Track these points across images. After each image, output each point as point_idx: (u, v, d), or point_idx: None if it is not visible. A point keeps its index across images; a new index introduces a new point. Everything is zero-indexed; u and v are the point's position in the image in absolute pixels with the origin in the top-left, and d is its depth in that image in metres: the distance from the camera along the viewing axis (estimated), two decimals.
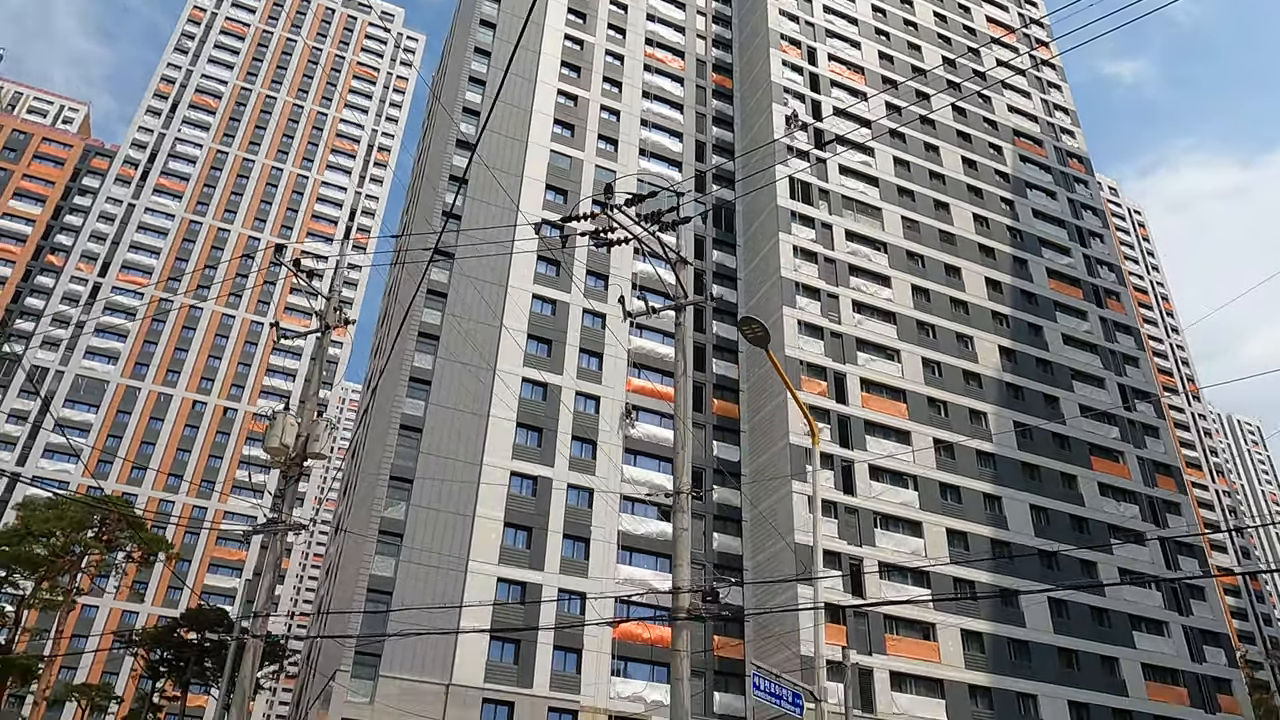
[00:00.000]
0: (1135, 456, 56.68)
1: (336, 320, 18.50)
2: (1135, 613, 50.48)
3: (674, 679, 13.19)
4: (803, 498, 45.64)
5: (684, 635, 13.40)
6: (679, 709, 12.83)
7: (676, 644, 13.30)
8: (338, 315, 18.60)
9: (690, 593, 13.83)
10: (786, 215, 54.75)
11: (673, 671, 13.26)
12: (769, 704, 15.15)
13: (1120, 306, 63.90)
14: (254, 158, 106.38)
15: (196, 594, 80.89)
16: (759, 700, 15.52)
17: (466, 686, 38.99)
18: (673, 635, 13.43)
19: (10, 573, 39.85)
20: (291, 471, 17.43)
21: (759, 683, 14.95)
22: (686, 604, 13.68)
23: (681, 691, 12.98)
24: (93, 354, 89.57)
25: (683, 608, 13.61)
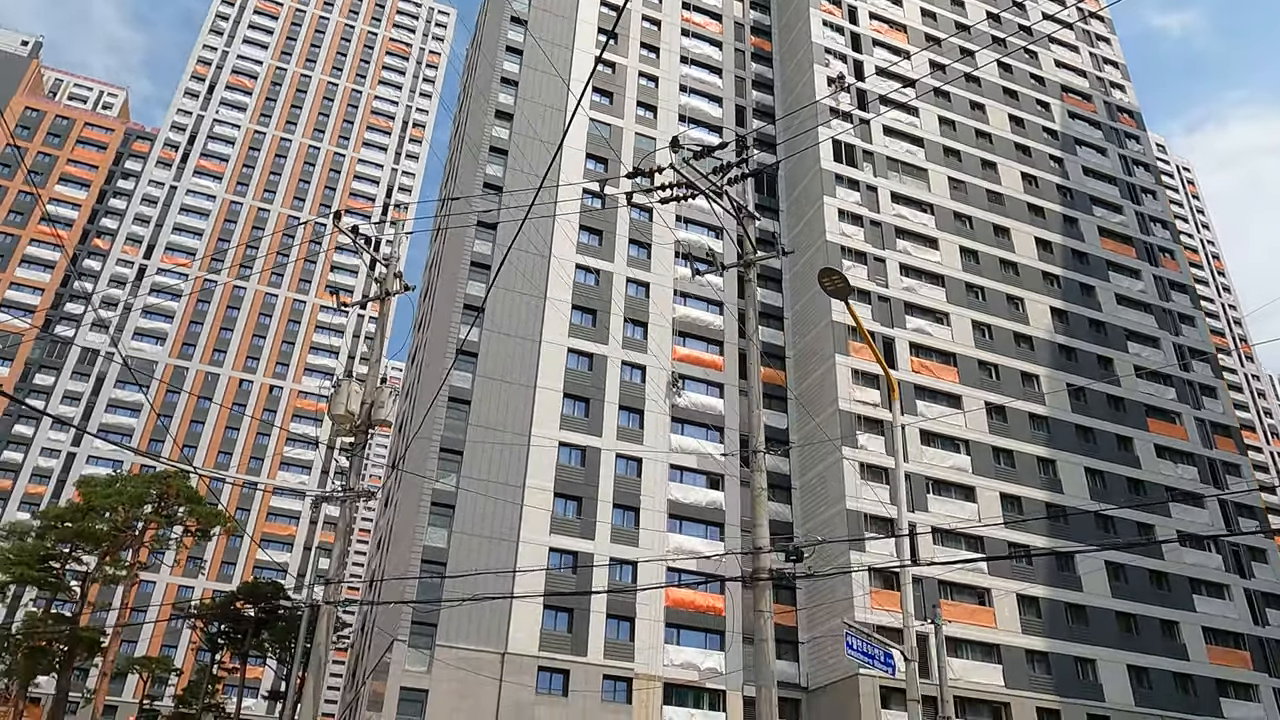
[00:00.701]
0: (1193, 417, 55.38)
1: (396, 287, 18.34)
2: (1195, 576, 49.51)
3: (759, 640, 12.96)
4: (853, 464, 45.16)
5: (766, 596, 13.14)
6: (765, 671, 12.60)
7: (760, 604, 13.05)
8: (398, 281, 18.43)
9: (770, 552, 13.57)
10: (830, 178, 53.82)
11: (757, 633, 13.03)
12: (862, 662, 14.94)
13: (1174, 264, 62.24)
14: (291, 137, 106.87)
15: (250, 568, 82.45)
16: (850, 658, 15.30)
17: (522, 655, 39.24)
18: (755, 596, 13.19)
19: (74, 549, 40.73)
20: (358, 438, 17.36)
21: (852, 641, 14.74)
22: (768, 564, 13.42)
23: (767, 653, 12.75)
24: (141, 335, 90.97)
25: (764, 568, 13.34)
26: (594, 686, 39.82)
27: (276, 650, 52.71)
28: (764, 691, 12.44)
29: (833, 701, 41.33)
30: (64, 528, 39.18)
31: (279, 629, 52.30)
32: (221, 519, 46.07)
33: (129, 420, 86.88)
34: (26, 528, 44.30)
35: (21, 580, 40.71)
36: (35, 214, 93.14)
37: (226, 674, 60.66)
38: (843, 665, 41.40)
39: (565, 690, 39.51)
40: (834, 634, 42.82)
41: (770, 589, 13.28)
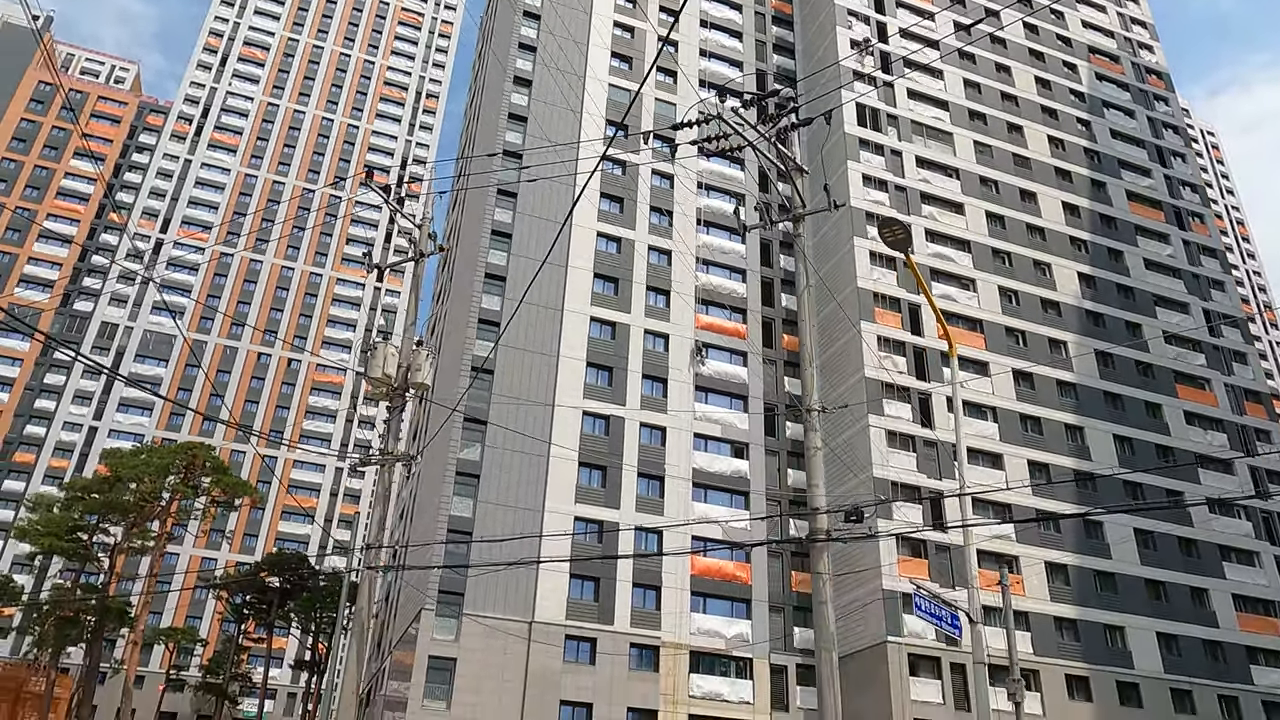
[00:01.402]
0: (1222, 383, 54.60)
1: (430, 247, 17.92)
2: (1224, 543, 48.99)
3: (817, 602, 12.62)
4: (880, 431, 44.73)
5: (824, 557, 12.80)
6: (824, 633, 12.27)
7: (817, 567, 12.71)
8: (432, 242, 18.02)
9: (827, 513, 13.21)
10: (854, 142, 52.95)
11: (815, 596, 12.68)
12: (931, 624, 14.68)
13: (1204, 229, 61.15)
14: (304, 109, 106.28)
15: (272, 540, 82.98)
16: (919, 617, 15.00)
17: (549, 624, 39.21)
18: (813, 558, 12.85)
19: (101, 520, 40.85)
20: (395, 402, 17.03)
21: (920, 603, 14.45)
22: (825, 525, 13.06)
23: (826, 615, 12.41)
24: (159, 309, 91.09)
25: (821, 529, 12.99)
26: (621, 655, 39.78)
27: (303, 620, 52.99)
28: (824, 654, 12.11)
29: (860, 669, 41.18)
30: (91, 499, 39.27)
31: (305, 599, 52.57)
32: (247, 489, 46.12)
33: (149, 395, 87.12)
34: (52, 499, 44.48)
35: (51, 551, 40.94)
36: (52, 188, 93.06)
37: (253, 644, 61.14)
38: (870, 633, 41.26)
39: (592, 659, 39.49)
40: (860, 602, 42.68)
41: (829, 550, 12.94)
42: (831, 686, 11.96)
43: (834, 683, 12.01)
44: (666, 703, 39.51)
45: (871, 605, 41.61)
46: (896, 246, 15.57)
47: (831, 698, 11.89)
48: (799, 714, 41.42)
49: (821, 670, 12.07)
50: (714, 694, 40.51)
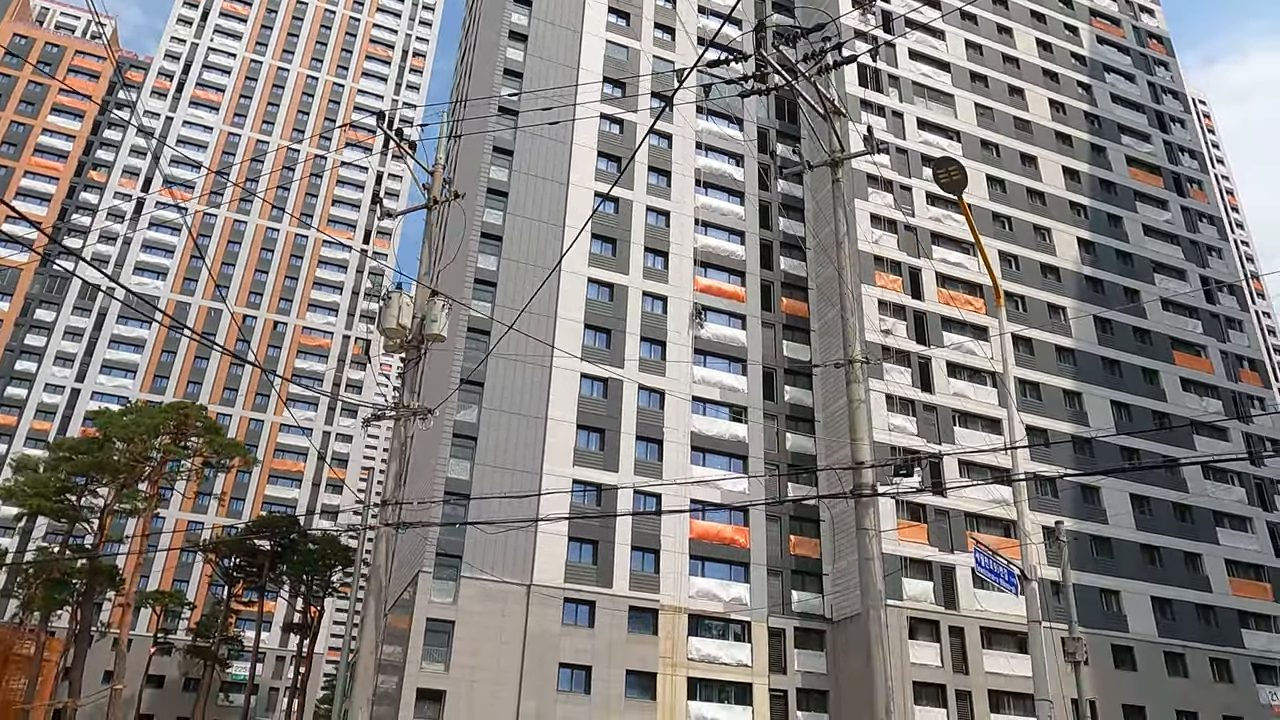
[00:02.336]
0: (1218, 350, 54.63)
1: (445, 195, 17.16)
2: (1218, 509, 49.22)
3: (863, 559, 12.17)
4: (880, 395, 44.38)
5: (870, 513, 12.33)
6: (873, 591, 11.82)
7: (864, 522, 12.24)
8: (447, 189, 17.25)
9: (873, 467, 12.73)
10: (855, 103, 52.09)
11: (860, 552, 12.24)
12: (990, 580, 14.32)
13: (1203, 195, 60.87)
14: (288, 67, 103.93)
15: (259, 503, 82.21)
16: (980, 573, 14.65)
17: (547, 586, 38.87)
18: (858, 514, 12.37)
19: (90, 480, 40.02)
20: (410, 354, 16.36)
21: (980, 559, 14.08)
22: (871, 479, 12.58)
23: (873, 572, 11.96)
24: (142, 270, 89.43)
25: (867, 483, 12.51)
26: (619, 618, 39.54)
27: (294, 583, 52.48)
28: (872, 613, 11.68)
29: (859, 632, 41.10)
30: (80, 459, 38.38)
31: (296, 563, 52.04)
32: (239, 449, 45.33)
33: (133, 356, 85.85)
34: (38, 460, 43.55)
35: (39, 512, 40.09)
36: (29, 145, 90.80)
37: (243, 607, 60.65)
38: None
39: (591, 621, 39.24)
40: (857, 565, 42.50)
41: (874, 505, 12.46)
42: (881, 645, 11.53)
43: (883, 640, 11.58)
44: (665, 665, 39.37)
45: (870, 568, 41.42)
46: (951, 188, 14.95)
47: (881, 656, 11.46)
48: (796, 677, 41.43)
49: (871, 629, 11.63)
50: (712, 657, 40.42)
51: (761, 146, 54.26)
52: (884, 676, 11.35)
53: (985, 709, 39.48)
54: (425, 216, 17.55)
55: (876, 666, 11.37)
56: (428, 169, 17.90)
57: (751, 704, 39.93)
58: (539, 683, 37.16)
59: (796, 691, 41.05)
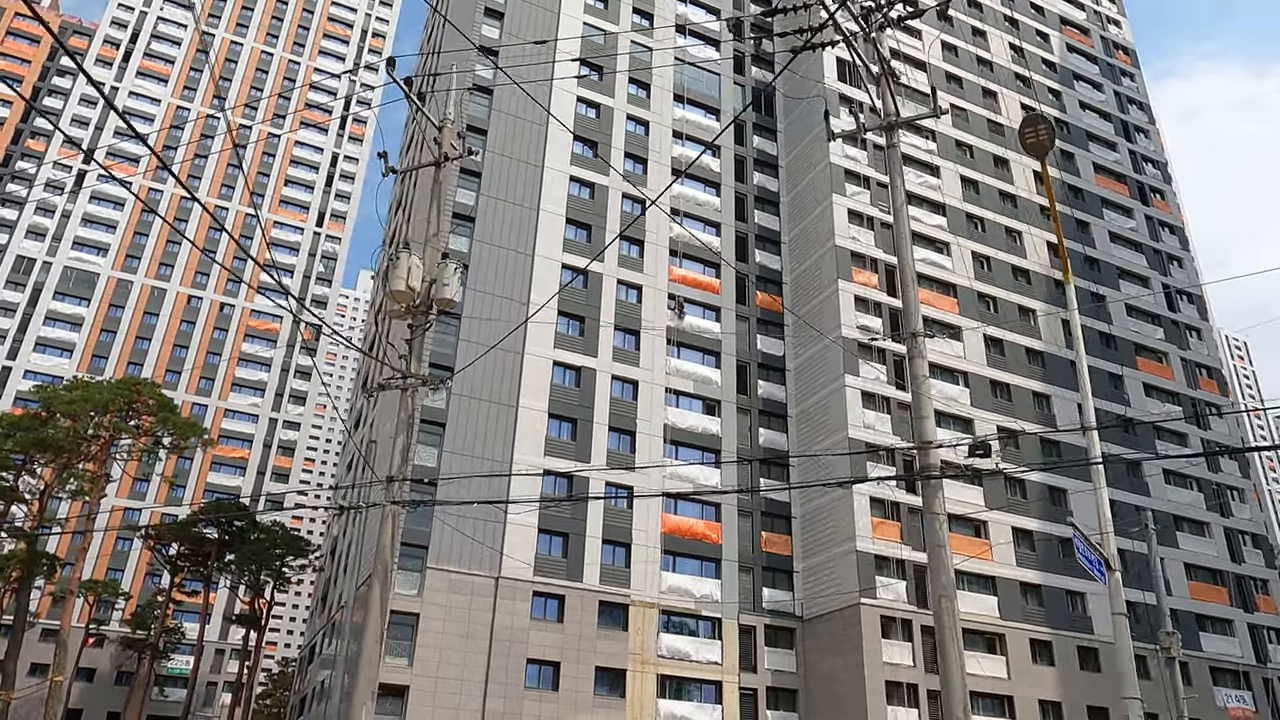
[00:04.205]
0: (1179, 357, 55.40)
1: (458, 151, 15.89)
2: (1178, 513, 49.80)
3: (931, 545, 11.28)
4: (856, 392, 43.93)
5: (938, 497, 11.45)
6: (942, 581, 10.93)
7: (932, 506, 11.36)
8: (461, 144, 15.99)
9: (938, 447, 11.85)
10: (834, 97, 51.66)
11: (929, 538, 11.34)
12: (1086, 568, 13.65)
13: (1165, 205, 61.77)
14: (242, 41, 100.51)
15: (200, 491, 79.15)
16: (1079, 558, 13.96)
17: (515, 579, 37.59)
18: (924, 497, 11.49)
19: (29, 460, 37.50)
20: (419, 320, 15.10)
21: (1079, 546, 13.39)
22: (936, 460, 11.71)
23: (943, 559, 11.08)
24: (81, 245, 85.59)
25: (933, 465, 11.63)
26: (589, 612, 38.43)
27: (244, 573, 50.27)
28: (944, 603, 10.79)
29: (831, 630, 40.61)
30: (20, 435, 35.83)
31: (245, 551, 49.84)
32: (196, 429, 43.09)
33: (69, 335, 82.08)
34: None
35: None
36: None
37: (185, 596, 58.05)
38: (841, 595, 40.64)
39: (560, 616, 38.07)
40: (829, 563, 42.04)
41: (941, 490, 11.60)
42: (955, 641, 10.64)
43: (956, 636, 10.70)
44: (635, 662, 38.36)
45: (842, 567, 40.96)
46: (1036, 149, 14.12)
47: (955, 651, 10.58)
48: (766, 675, 40.73)
49: (942, 619, 10.74)
50: (682, 654, 39.51)
51: (738, 138, 53.56)
52: (960, 673, 10.47)
53: None
54: (434, 174, 16.26)
55: (950, 663, 10.48)
56: (436, 124, 16.61)
57: (721, 703, 39.11)
58: (505, 678, 35.87)
59: (766, 690, 40.34)
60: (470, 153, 16.03)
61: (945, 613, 10.73)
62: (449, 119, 16.76)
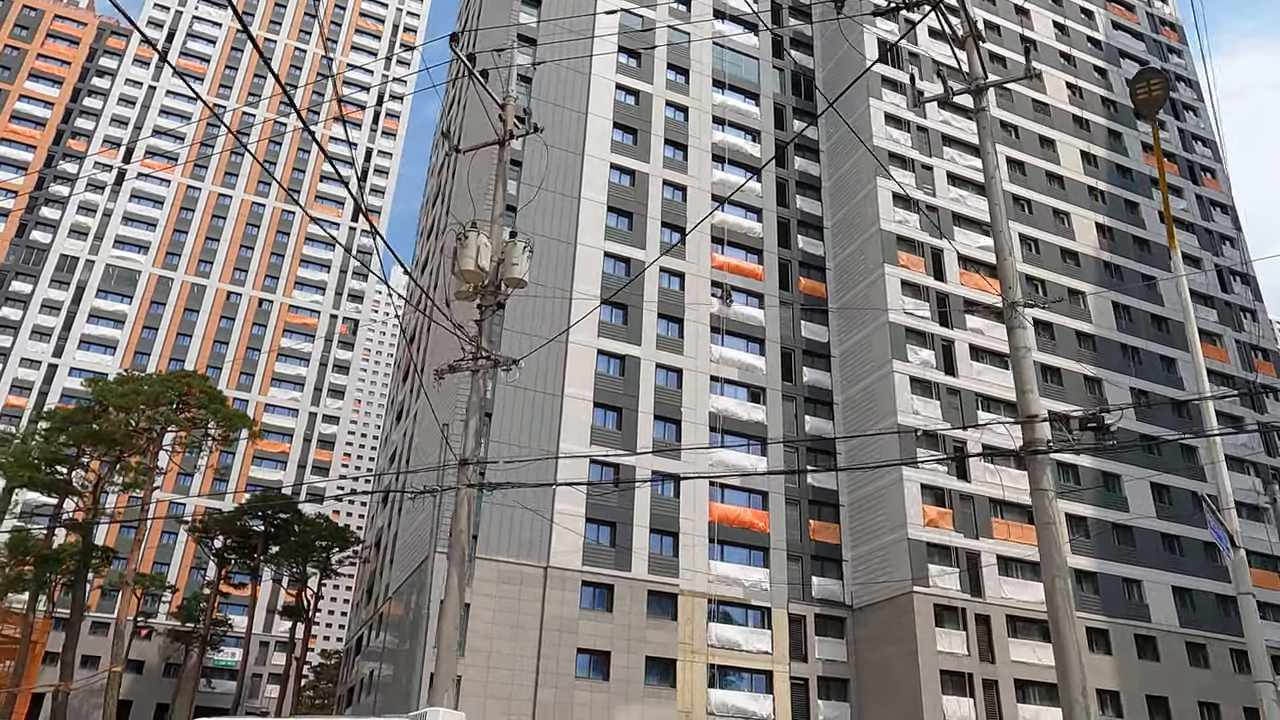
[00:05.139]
0: (1233, 339, 54.08)
1: (523, 129, 15.56)
2: (1238, 499, 48.48)
3: (1041, 524, 10.81)
4: (904, 378, 43.25)
5: (1046, 474, 10.98)
6: (1055, 560, 10.46)
7: (1040, 483, 10.89)
8: (526, 121, 15.65)
9: (1048, 421, 11.38)
10: (877, 80, 50.85)
11: (1038, 516, 10.88)
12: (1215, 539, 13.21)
13: (1216, 184, 60.29)
14: (275, 38, 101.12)
15: (244, 483, 79.85)
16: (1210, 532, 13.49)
17: (565, 569, 37.40)
18: (1032, 473, 11.01)
19: (81, 452, 37.84)
20: (486, 300, 14.80)
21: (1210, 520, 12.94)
22: (1044, 435, 11.24)
23: (1053, 536, 10.61)
24: (123, 243, 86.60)
25: (1040, 440, 11.16)
26: (638, 602, 38.15)
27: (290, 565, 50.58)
28: (1058, 583, 10.32)
29: (882, 619, 40.05)
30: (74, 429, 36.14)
31: (292, 543, 50.14)
32: (245, 421, 43.33)
33: (112, 332, 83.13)
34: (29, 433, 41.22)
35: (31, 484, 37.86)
36: (6, 111, 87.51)
37: (232, 589, 58.60)
38: (893, 583, 40.05)
39: (609, 606, 37.82)
40: (880, 552, 41.46)
41: (1050, 465, 11.12)
42: (1070, 621, 10.18)
43: (1070, 615, 10.24)
44: (685, 652, 38.05)
45: (893, 555, 40.37)
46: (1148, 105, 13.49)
47: (1070, 634, 10.11)
48: (817, 665, 40.27)
49: (1056, 600, 10.27)
50: (732, 643, 39.14)
51: (778, 123, 52.90)
52: (1076, 654, 10.00)
53: (1012, 698, 38.51)
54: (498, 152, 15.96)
55: (1067, 645, 10.02)
56: (499, 102, 16.30)
57: (772, 692, 38.71)
58: (556, 668, 35.71)
59: (817, 680, 39.89)
60: (537, 129, 15.71)
61: (1059, 592, 10.26)
62: (511, 97, 16.45)
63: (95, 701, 66.60)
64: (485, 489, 14.38)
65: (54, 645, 58.02)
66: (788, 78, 54.72)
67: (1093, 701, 40.04)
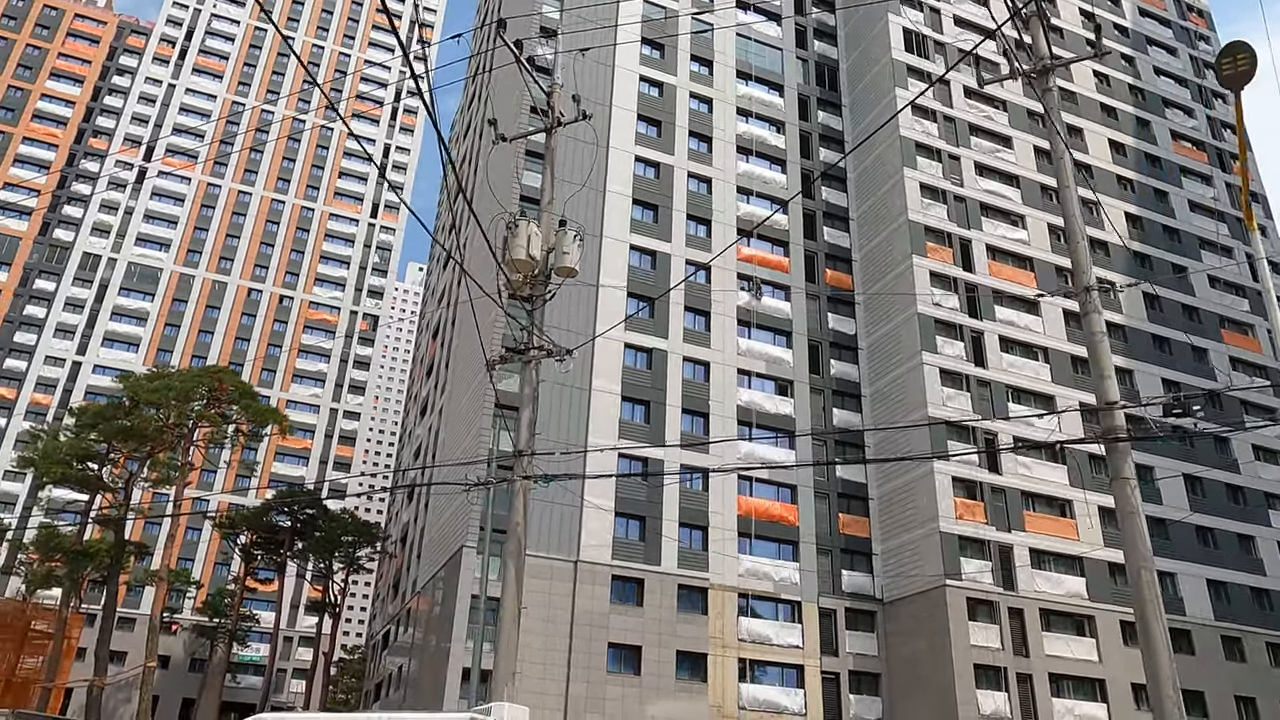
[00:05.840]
0: (1265, 329, 53.34)
1: (575, 113, 15.33)
2: (1271, 490, 48.00)
3: (1124, 514, 10.53)
4: (934, 369, 42.84)
5: (1128, 462, 10.68)
6: (1139, 550, 10.19)
7: (1122, 471, 10.60)
8: (577, 108, 15.42)
9: (1123, 408, 11.08)
10: (902, 69, 50.37)
11: (1121, 506, 10.60)
12: None
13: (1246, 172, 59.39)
14: (293, 35, 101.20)
15: (266, 480, 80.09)
16: None
17: (594, 563, 37.26)
18: (1112, 462, 10.73)
19: (111, 448, 37.93)
20: (538, 290, 14.61)
21: None
22: (1122, 423, 10.94)
23: (1136, 527, 10.34)
24: (144, 241, 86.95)
25: (1120, 427, 10.87)
26: (669, 596, 37.97)
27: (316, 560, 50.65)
28: (1144, 575, 10.05)
29: (914, 613, 39.72)
30: (106, 425, 36.21)
31: (319, 539, 50.22)
32: (276, 416, 43.35)
33: (135, 329, 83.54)
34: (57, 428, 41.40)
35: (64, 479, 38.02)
36: (28, 110, 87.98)
37: (258, 585, 58.79)
38: (925, 577, 39.71)
39: (639, 600, 37.67)
40: (910, 545, 41.12)
41: (1129, 452, 10.83)
42: (1158, 615, 9.91)
43: (1159, 609, 9.96)
44: (715, 646, 37.85)
45: (925, 548, 40.01)
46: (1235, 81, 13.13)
47: (1159, 627, 9.84)
48: (848, 659, 39.99)
49: (1143, 592, 10.00)
50: (762, 638, 38.92)
51: (802, 114, 52.49)
52: (1165, 648, 9.72)
53: (1046, 692, 38.13)
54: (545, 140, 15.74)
55: (1155, 639, 9.74)
56: (545, 89, 16.09)
57: (804, 686, 38.47)
58: (588, 662, 35.58)
59: (849, 674, 39.62)
60: (585, 116, 15.48)
61: (1146, 585, 10.00)
62: (558, 84, 16.23)
63: (120, 697, 67.06)
64: (542, 481, 14.19)
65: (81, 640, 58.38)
66: (811, 68, 54.27)
67: (1128, 696, 39.66)
